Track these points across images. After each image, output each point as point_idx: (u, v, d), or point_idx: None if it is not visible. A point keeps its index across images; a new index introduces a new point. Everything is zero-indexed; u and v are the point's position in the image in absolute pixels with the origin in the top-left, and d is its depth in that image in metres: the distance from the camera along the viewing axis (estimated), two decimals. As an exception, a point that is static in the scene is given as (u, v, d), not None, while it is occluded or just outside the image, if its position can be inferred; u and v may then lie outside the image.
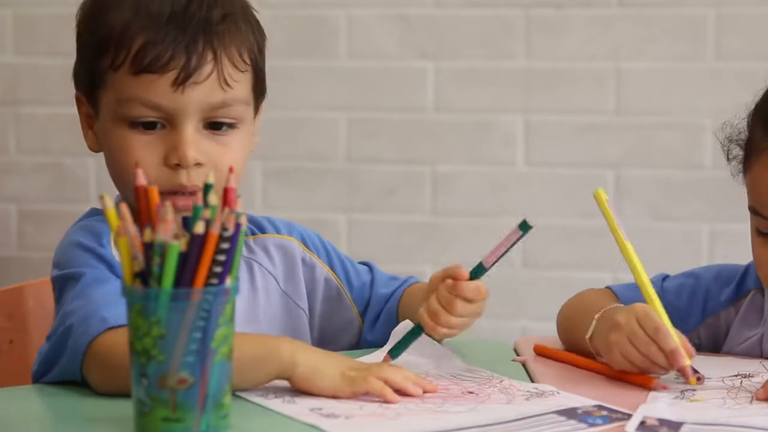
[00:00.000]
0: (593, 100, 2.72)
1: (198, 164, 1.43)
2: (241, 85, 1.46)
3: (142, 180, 1.20)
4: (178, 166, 1.43)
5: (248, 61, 1.47)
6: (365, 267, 1.67)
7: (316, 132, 2.83)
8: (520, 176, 2.72)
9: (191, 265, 1.14)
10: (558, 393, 1.32)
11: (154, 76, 1.42)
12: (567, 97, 2.73)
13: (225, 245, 1.15)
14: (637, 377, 1.38)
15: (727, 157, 1.56)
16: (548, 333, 1.62)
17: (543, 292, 2.69)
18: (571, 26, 2.72)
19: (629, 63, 2.70)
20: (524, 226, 1.34)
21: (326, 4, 2.81)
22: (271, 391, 1.29)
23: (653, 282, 1.61)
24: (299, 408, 1.24)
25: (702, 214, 2.67)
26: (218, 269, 1.15)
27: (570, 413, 1.24)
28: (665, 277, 1.64)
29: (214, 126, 1.45)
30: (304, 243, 1.62)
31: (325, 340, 1.61)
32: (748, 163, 1.53)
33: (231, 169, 1.21)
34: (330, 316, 1.62)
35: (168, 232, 1.14)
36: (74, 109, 1.53)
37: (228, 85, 1.44)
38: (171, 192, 1.41)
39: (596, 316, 1.47)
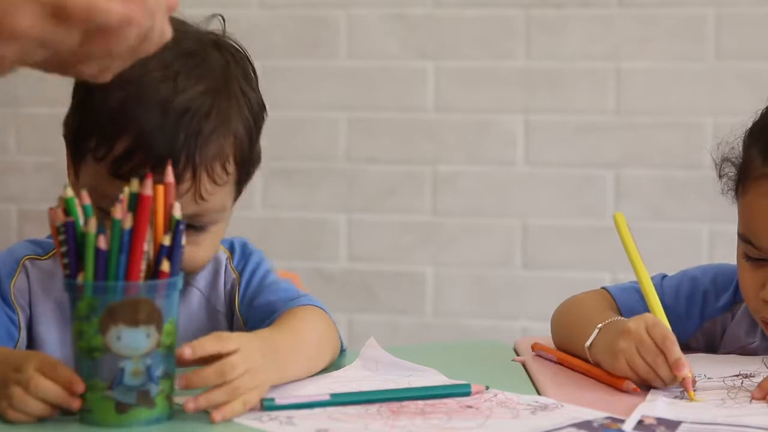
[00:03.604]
0: (593, 100, 2.72)
1: None
2: (218, 196, 1.42)
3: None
4: None
5: (231, 170, 1.42)
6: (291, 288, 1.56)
7: (316, 132, 2.83)
8: (520, 176, 2.72)
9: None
10: (562, 405, 1.28)
11: None
12: (567, 97, 2.73)
13: (62, 237, 1.21)
14: (612, 378, 1.37)
15: (719, 174, 1.54)
16: (548, 333, 1.62)
17: (543, 292, 2.69)
18: (571, 26, 2.72)
19: (629, 63, 2.70)
20: None
21: (326, 4, 2.81)
22: (264, 414, 1.23)
23: (652, 281, 1.61)
24: (301, 430, 1.19)
25: (702, 214, 2.67)
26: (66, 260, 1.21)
27: (587, 426, 1.20)
28: (664, 277, 1.63)
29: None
30: (231, 249, 1.56)
31: None
32: (742, 187, 1.49)
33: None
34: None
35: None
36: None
37: (203, 199, 1.40)
38: None
39: (600, 326, 1.44)
